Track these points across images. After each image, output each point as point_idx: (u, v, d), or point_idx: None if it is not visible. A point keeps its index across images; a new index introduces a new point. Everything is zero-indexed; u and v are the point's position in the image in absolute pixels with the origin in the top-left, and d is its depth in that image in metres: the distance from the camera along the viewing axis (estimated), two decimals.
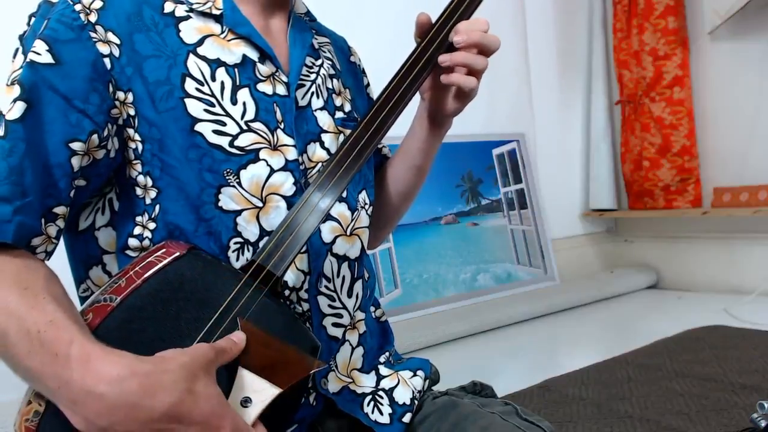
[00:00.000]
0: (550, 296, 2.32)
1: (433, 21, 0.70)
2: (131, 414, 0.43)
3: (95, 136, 0.59)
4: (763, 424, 1.08)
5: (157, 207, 0.62)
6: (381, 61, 0.97)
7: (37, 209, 0.55)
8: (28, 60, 0.58)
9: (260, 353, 0.54)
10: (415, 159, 0.82)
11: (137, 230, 0.62)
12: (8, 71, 0.59)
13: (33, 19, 0.63)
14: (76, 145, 0.58)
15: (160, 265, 0.56)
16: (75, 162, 0.58)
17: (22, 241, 0.54)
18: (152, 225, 0.62)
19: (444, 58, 0.67)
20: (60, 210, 0.58)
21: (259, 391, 0.52)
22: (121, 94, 0.61)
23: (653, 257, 2.74)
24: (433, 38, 0.69)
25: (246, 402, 0.51)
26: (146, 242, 0.62)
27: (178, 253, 0.57)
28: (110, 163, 0.62)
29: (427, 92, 0.75)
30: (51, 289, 0.52)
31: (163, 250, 0.57)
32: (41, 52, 0.58)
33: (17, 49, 0.62)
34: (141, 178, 0.62)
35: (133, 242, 0.62)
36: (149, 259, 0.56)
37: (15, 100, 0.56)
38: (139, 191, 0.63)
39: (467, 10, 0.69)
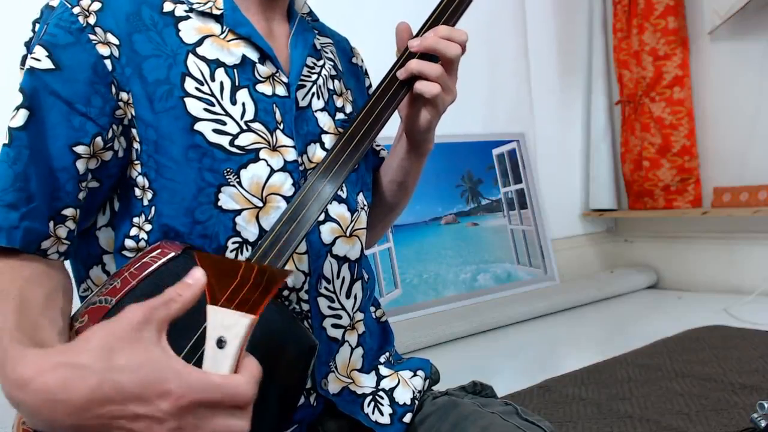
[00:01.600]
0: (550, 296, 2.32)
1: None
2: (56, 410, 0.41)
3: (99, 139, 0.60)
4: (763, 424, 1.08)
5: (153, 209, 0.62)
6: (382, 62, 0.97)
7: (44, 213, 0.57)
8: (28, 66, 0.58)
9: (228, 285, 0.47)
10: (396, 175, 0.82)
11: (133, 231, 0.63)
12: (12, 77, 0.60)
13: (37, 25, 0.63)
14: (80, 149, 0.58)
15: (155, 265, 0.56)
16: (80, 165, 0.59)
17: (31, 245, 0.56)
18: (148, 226, 0.62)
19: (399, 72, 0.67)
20: (69, 212, 0.59)
21: (231, 326, 0.46)
22: (123, 95, 0.61)
23: (653, 257, 2.74)
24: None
25: (220, 343, 0.45)
26: (142, 243, 0.62)
27: (172, 254, 0.57)
28: (119, 163, 0.63)
29: (404, 110, 0.74)
30: (27, 291, 0.52)
31: (158, 250, 0.57)
32: (41, 58, 0.58)
33: (24, 56, 0.62)
34: (140, 179, 0.63)
35: (129, 243, 0.62)
36: (144, 260, 0.56)
37: (18, 108, 0.57)
38: (137, 192, 0.63)
39: (452, 16, 0.69)
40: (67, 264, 0.67)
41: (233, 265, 0.48)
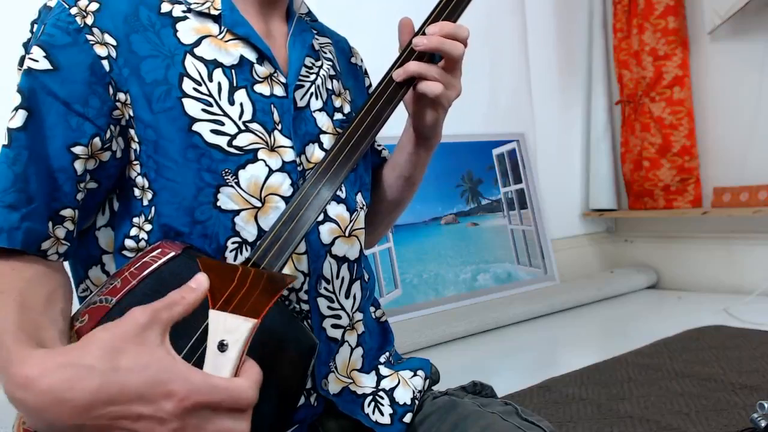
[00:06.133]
0: (550, 296, 2.33)
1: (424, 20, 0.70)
2: (59, 411, 0.41)
3: (97, 139, 0.60)
4: (763, 424, 1.08)
5: (153, 209, 0.62)
6: (382, 62, 0.97)
7: (43, 214, 0.57)
8: (25, 67, 0.58)
9: (230, 289, 0.48)
10: (403, 170, 0.82)
11: (133, 231, 0.63)
12: (11, 79, 0.60)
13: (34, 25, 0.63)
14: (78, 149, 0.58)
15: (155, 265, 0.55)
16: (78, 166, 0.59)
17: (32, 246, 0.56)
18: (148, 227, 0.62)
19: (397, 73, 0.67)
20: (67, 212, 0.59)
21: (233, 330, 0.47)
22: (121, 95, 0.61)
23: (653, 257, 2.74)
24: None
25: (222, 346, 0.46)
26: (142, 243, 0.62)
27: (173, 254, 0.57)
28: (118, 163, 0.63)
29: (410, 105, 0.74)
30: (28, 291, 0.52)
31: (159, 250, 0.57)
32: (38, 59, 0.58)
33: (22, 57, 0.62)
34: (139, 179, 0.63)
35: (129, 243, 0.62)
36: (144, 260, 0.56)
37: (17, 109, 0.57)
38: (137, 192, 0.63)
39: (453, 13, 0.69)
40: (66, 265, 0.68)
41: (236, 270, 0.49)
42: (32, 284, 0.54)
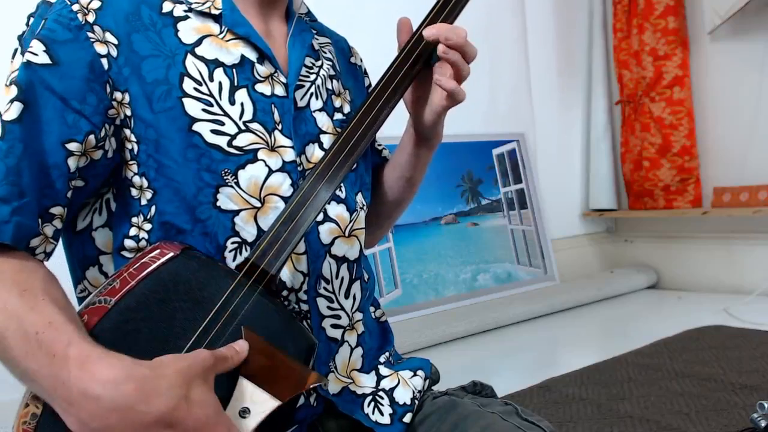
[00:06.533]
0: (550, 296, 2.33)
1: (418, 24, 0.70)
2: (125, 417, 0.44)
3: (92, 137, 0.59)
4: (763, 424, 1.08)
5: (153, 208, 0.62)
6: (381, 62, 0.97)
7: (33, 210, 0.55)
8: (24, 60, 0.58)
9: (262, 364, 0.53)
10: (404, 171, 0.82)
11: (133, 231, 0.62)
12: (7, 71, 0.59)
13: (32, 19, 0.63)
14: (72, 146, 0.58)
15: (154, 266, 0.55)
16: (71, 163, 0.58)
17: (21, 242, 0.55)
18: (148, 226, 0.62)
19: (442, 48, 0.65)
20: (57, 210, 0.58)
21: (258, 403, 0.52)
22: (118, 95, 0.61)
23: (653, 257, 2.74)
24: (421, 36, 0.68)
25: (244, 413, 0.51)
26: (142, 243, 0.62)
27: (171, 254, 0.57)
28: (108, 163, 0.62)
29: (411, 105, 0.74)
30: (50, 290, 0.52)
31: (157, 251, 0.57)
32: (38, 53, 0.58)
33: (16, 50, 0.62)
34: (137, 179, 0.62)
35: (129, 243, 0.62)
36: (143, 260, 0.56)
37: (12, 101, 0.56)
38: (134, 192, 0.63)
39: (451, 13, 0.69)
40: (64, 266, 0.67)
41: (271, 348, 0.54)
42: (50, 285, 0.53)
